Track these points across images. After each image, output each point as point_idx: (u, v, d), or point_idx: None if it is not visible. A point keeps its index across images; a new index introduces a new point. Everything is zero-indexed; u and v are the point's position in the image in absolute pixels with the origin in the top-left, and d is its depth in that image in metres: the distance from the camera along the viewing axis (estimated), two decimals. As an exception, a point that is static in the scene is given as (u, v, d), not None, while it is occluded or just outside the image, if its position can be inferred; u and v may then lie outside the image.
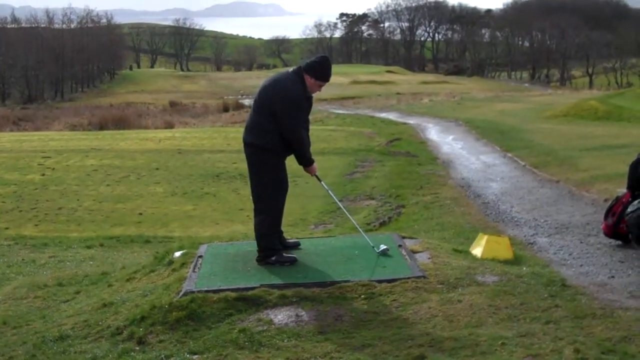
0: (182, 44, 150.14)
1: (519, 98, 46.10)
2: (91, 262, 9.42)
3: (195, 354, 5.06)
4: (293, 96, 6.24)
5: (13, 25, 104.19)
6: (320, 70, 6.32)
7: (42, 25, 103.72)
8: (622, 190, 8.27)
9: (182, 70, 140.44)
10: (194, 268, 6.49)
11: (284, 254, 6.56)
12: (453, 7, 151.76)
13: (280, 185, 6.51)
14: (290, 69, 6.56)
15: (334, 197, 7.43)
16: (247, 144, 6.51)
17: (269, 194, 6.51)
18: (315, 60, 6.40)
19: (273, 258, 6.48)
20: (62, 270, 8.81)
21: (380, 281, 5.91)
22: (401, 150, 20.63)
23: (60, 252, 10.42)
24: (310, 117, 6.74)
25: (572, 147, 17.94)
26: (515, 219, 10.32)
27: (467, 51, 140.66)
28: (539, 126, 25.03)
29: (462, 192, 13.18)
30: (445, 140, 23.09)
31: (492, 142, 20.77)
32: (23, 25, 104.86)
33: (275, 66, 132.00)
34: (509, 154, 17.96)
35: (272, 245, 6.55)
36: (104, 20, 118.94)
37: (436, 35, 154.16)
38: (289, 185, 6.63)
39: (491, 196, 12.41)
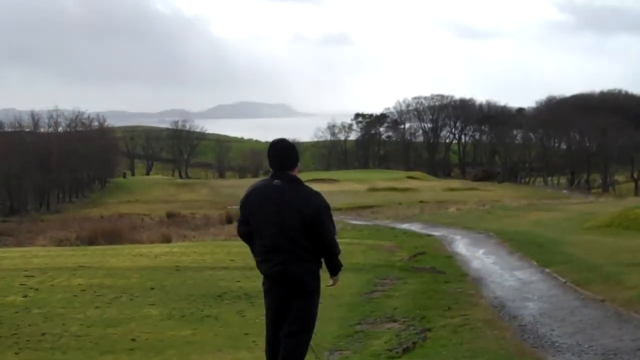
0: (180, 149, 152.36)
1: (557, 206, 46.24)
2: (77, 396, 9.38)
3: None
4: None
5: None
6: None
7: (27, 130, 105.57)
8: (675, 310, 8.25)
9: (180, 177, 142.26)
10: (194, 402, 6.49)
11: None
12: (481, 105, 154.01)
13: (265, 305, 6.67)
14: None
15: None
16: None
17: None
18: None
19: None
20: (45, 404, 8.77)
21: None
22: (426, 266, 20.62)
23: (42, 384, 10.37)
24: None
25: (618, 261, 17.88)
26: (557, 344, 10.25)
27: (497, 154, 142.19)
28: (580, 238, 25.03)
29: (496, 313, 13.12)
30: (475, 254, 23.10)
31: (528, 256, 20.75)
32: (6, 129, 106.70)
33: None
34: (547, 270, 17.92)
35: None
36: (95, 124, 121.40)
37: (463, 136, 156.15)
38: (279, 311, 6.58)
39: (528, 317, 12.35)
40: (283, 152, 6.48)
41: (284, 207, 6.32)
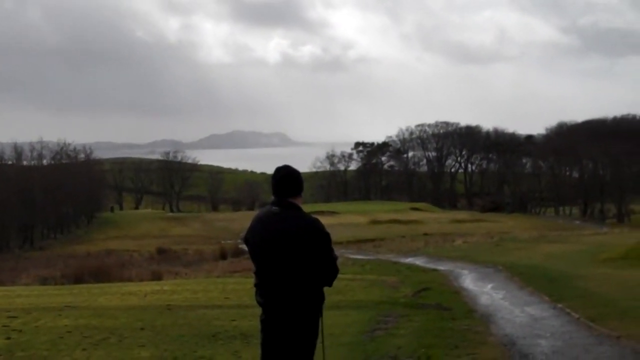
0: (171, 181, 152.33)
1: (569, 238, 46.27)
2: None
3: None
4: None
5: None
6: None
7: (9, 162, 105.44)
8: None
9: (171, 211, 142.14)
10: None
11: None
12: (488, 133, 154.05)
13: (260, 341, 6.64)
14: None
15: None
16: None
17: None
18: None
19: None
20: None
21: None
22: (431, 302, 20.60)
23: None
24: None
25: (635, 295, 17.89)
26: (570, 384, 10.24)
27: (505, 184, 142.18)
28: (594, 271, 25.03)
29: (505, 351, 13.10)
30: (483, 289, 23.08)
31: (539, 291, 20.74)
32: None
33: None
34: (560, 305, 17.91)
35: None
36: (81, 156, 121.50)
37: (469, 165, 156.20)
38: (273, 347, 6.48)
39: (540, 356, 12.33)
40: (285, 178, 6.51)
41: (280, 235, 6.27)
